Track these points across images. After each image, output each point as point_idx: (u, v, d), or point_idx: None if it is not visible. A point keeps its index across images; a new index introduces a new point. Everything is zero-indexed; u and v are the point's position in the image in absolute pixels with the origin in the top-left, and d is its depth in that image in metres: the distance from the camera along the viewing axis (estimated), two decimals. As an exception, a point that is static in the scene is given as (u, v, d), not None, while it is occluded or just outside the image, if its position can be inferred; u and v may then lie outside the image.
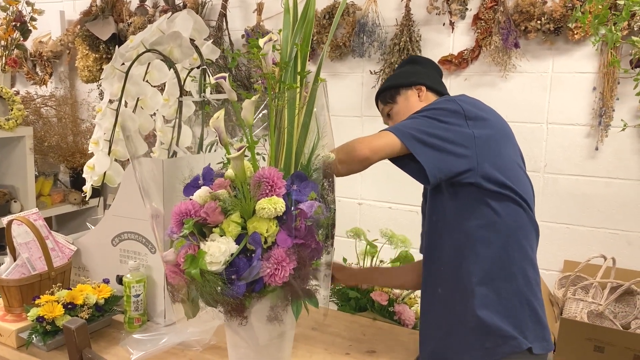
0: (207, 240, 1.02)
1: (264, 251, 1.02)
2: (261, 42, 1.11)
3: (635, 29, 1.98)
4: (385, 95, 1.55)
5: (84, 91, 3.28)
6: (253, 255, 1.01)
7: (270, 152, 1.14)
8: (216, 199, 1.04)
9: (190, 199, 1.08)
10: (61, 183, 3.22)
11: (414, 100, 1.50)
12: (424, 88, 1.51)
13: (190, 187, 1.11)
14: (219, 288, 1.00)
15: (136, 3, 3.00)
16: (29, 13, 2.76)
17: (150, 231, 1.55)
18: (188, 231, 1.02)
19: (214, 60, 1.73)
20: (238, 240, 1.02)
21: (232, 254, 1.00)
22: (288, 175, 1.11)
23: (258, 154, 1.14)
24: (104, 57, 3.02)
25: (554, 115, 2.21)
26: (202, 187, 1.08)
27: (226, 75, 1.08)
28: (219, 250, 0.99)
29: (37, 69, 3.32)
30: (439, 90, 1.53)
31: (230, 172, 1.11)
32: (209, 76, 1.61)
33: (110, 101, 1.66)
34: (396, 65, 2.35)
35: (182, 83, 1.66)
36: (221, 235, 1.02)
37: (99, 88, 3.18)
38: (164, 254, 1.05)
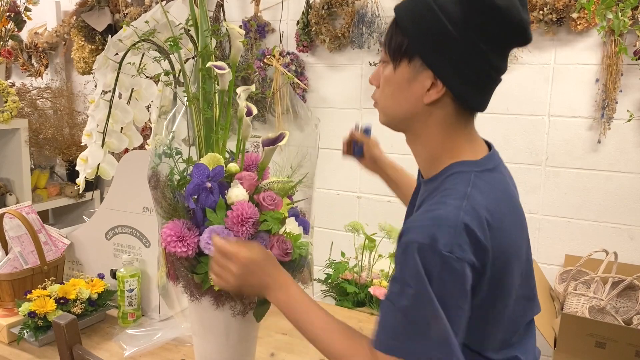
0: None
1: None
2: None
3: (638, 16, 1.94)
4: (393, 38, 0.89)
5: (80, 83, 3.25)
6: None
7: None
8: (269, 189, 1.12)
9: (233, 204, 1.08)
10: (57, 176, 3.19)
11: (417, 91, 0.88)
12: (442, 89, 0.86)
13: (201, 191, 1.09)
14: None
15: (132, -7, 2.97)
16: (24, 3, 2.72)
17: (144, 225, 1.53)
18: (274, 225, 1.07)
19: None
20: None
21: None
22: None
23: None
24: (100, 49, 2.98)
25: (556, 107, 2.18)
26: (239, 187, 1.09)
27: (224, 64, 1.05)
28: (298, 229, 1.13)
29: (33, 61, 3.28)
30: (472, 103, 0.90)
31: (234, 165, 1.12)
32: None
33: (104, 92, 1.63)
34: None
35: (178, 74, 1.62)
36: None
37: (94, 80, 3.15)
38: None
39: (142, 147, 1.94)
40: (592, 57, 2.10)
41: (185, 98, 1.21)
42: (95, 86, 3.15)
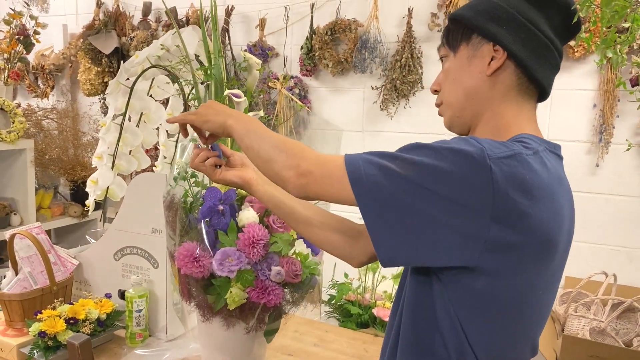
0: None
1: None
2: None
3: (635, 47, 2.00)
4: (450, 31, 0.94)
5: (85, 104, 3.29)
6: None
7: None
8: None
9: (243, 226, 1.13)
10: (61, 196, 3.21)
11: (479, 65, 0.90)
12: (503, 54, 0.88)
13: (213, 213, 1.13)
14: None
15: (139, 17, 3.02)
16: (33, 27, 2.77)
17: (153, 246, 1.55)
18: (284, 247, 1.12)
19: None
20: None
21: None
22: None
23: None
24: (106, 71, 3.03)
25: (555, 131, 2.22)
26: (250, 210, 1.13)
27: (240, 92, 1.09)
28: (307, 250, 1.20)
29: (39, 82, 3.33)
30: (533, 71, 0.89)
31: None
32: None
33: (115, 116, 1.67)
34: (398, 82, 2.37)
35: (187, 98, 1.67)
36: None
37: (100, 101, 3.19)
38: (275, 275, 1.11)
39: (149, 169, 1.98)
40: (589, 83, 2.15)
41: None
42: (101, 107, 3.20)
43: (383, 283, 1.95)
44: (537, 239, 0.78)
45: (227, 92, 1.13)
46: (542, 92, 0.93)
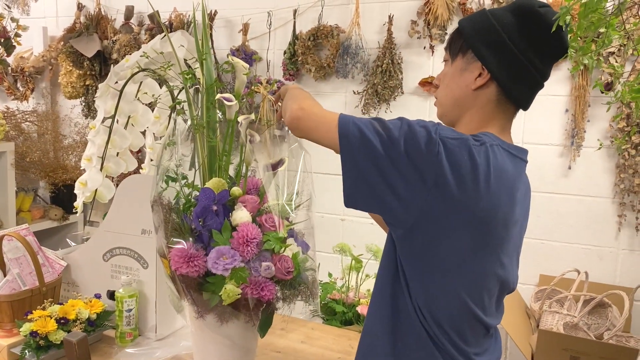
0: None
1: None
2: None
3: (604, 54, 2.10)
4: (453, 41, 1.10)
5: (66, 107, 3.27)
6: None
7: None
8: (270, 211, 1.20)
9: (237, 225, 1.17)
10: (41, 199, 3.19)
11: (467, 79, 1.05)
12: (487, 75, 1.03)
13: (207, 213, 1.16)
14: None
15: (121, 21, 3.03)
16: (14, 29, 2.76)
17: (142, 247, 1.58)
18: (277, 245, 1.16)
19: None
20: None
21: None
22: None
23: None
24: (87, 74, 3.02)
25: (529, 135, 2.31)
26: (243, 210, 1.17)
27: (232, 96, 1.13)
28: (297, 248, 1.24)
29: (19, 84, 3.30)
30: (510, 92, 1.04)
31: (237, 189, 1.20)
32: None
33: (105, 118, 1.69)
34: (379, 87, 2.44)
35: (175, 100, 1.69)
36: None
37: (82, 104, 3.18)
38: (264, 270, 1.14)
39: (136, 171, 2.00)
40: (561, 89, 2.25)
41: (189, 124, 1.29)
42: (82, 110, 3.19)
43: (366, 282, 2.00)
44: (464, 213, 0.94)
45: (218, 95, 1.17)
46: (520, 106, 1.10)
